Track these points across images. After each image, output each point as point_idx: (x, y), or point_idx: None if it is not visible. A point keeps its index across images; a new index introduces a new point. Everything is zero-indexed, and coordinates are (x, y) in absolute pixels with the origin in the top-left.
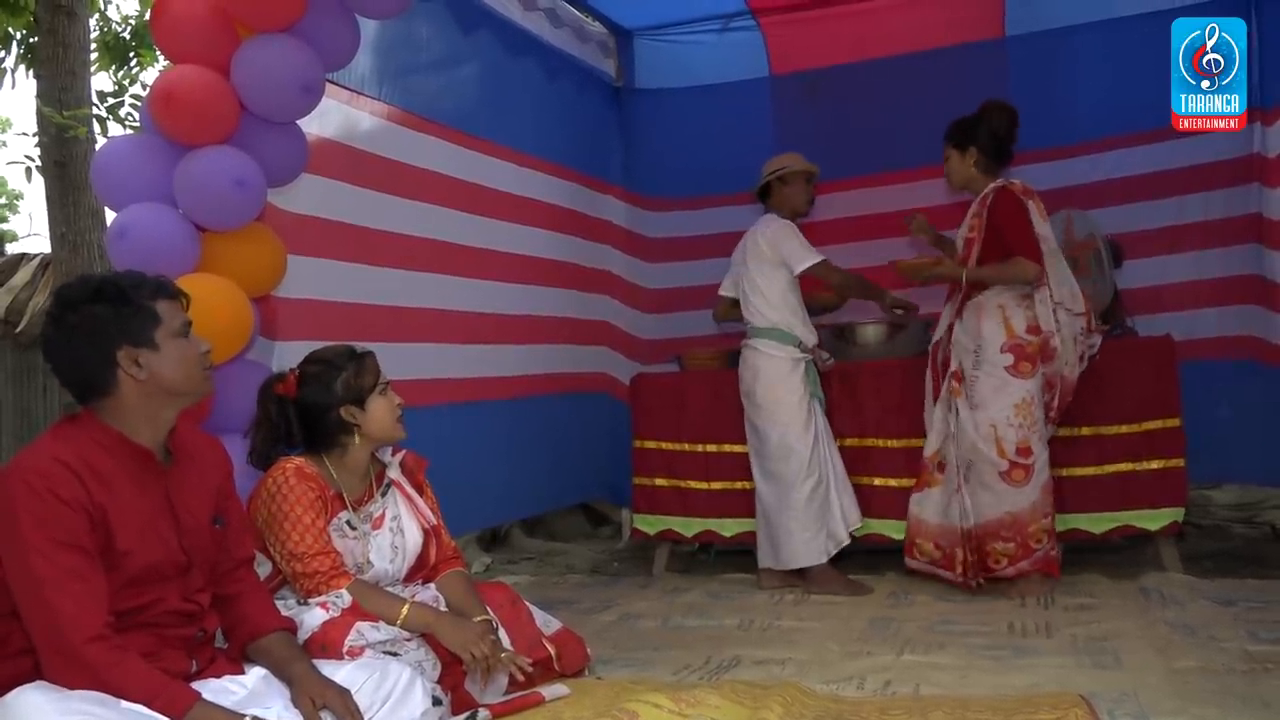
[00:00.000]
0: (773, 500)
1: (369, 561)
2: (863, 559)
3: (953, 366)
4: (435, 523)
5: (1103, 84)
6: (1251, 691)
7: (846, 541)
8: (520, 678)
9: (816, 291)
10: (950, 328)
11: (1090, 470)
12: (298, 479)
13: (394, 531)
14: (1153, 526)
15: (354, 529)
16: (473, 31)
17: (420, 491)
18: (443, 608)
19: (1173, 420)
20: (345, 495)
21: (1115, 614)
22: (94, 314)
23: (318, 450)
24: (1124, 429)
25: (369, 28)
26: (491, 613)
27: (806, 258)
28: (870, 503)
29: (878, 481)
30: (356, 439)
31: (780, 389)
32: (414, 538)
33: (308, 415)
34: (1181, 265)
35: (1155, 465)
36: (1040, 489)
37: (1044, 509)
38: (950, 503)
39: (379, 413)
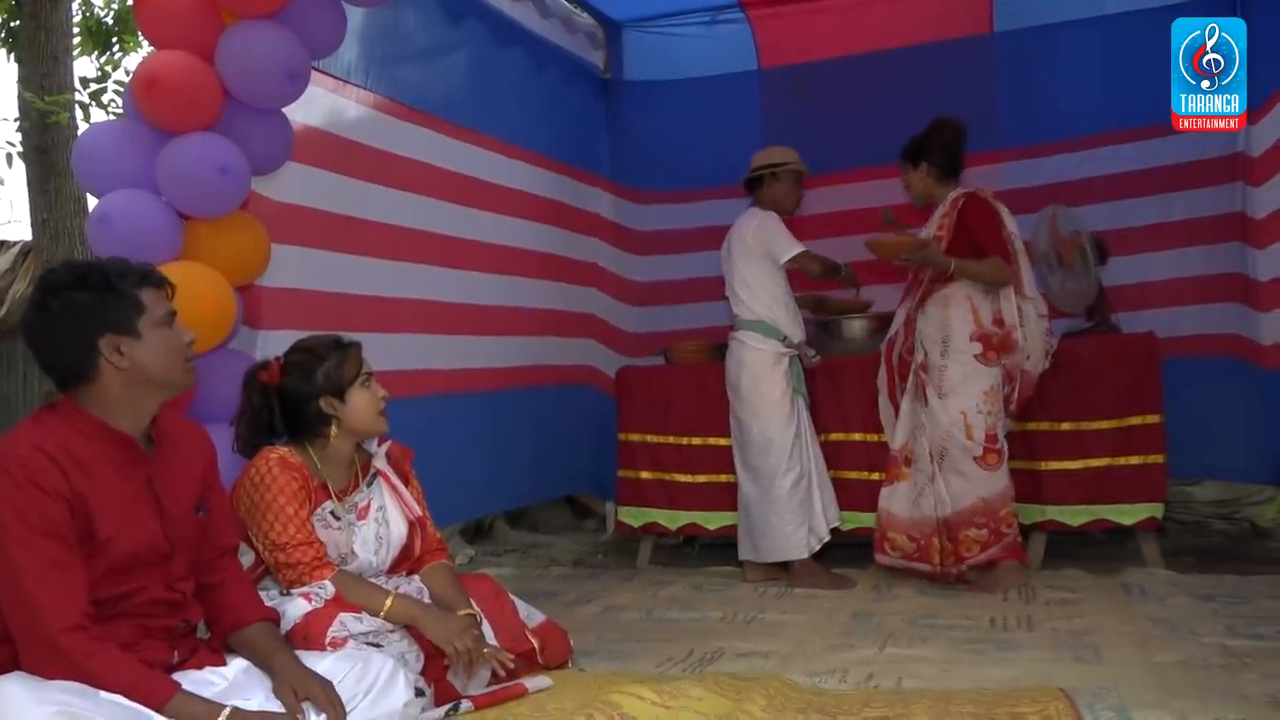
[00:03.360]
0: (753, 493)
1: (353, 552)
2: (846, 552)
3: (918, 358)
4: (420, 514)
5: (1090, 81)
6: (1230, 685)
7: (827, 538)
8: (502, 673)
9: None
10: (908, 322)
11: (1071, 464)
12: (281, 469)
13: (379, 522)
14: (1128, 521)
15: (338, 519)
16: (460, 21)
17: (406, 482)
18: (426, 600)
19: (1154, 416)
20: (329, 485)
21: (1096, 609)
22: (77, 300)
23: (301, 439)
24: (1105, 424)
25: (356, 16)
26: (475, 606)
27: (789, 249)
28: (855, 496)
29: (863, 475)
30: (335, 430)
31: (763, 382)
32: (399, 529)
33: (289, 404)
34: (1165, 263)
35: (1135, 461)
36: (1007, 475)
37: (1010, 494)
38: (922, 494)
39: (358, 405)
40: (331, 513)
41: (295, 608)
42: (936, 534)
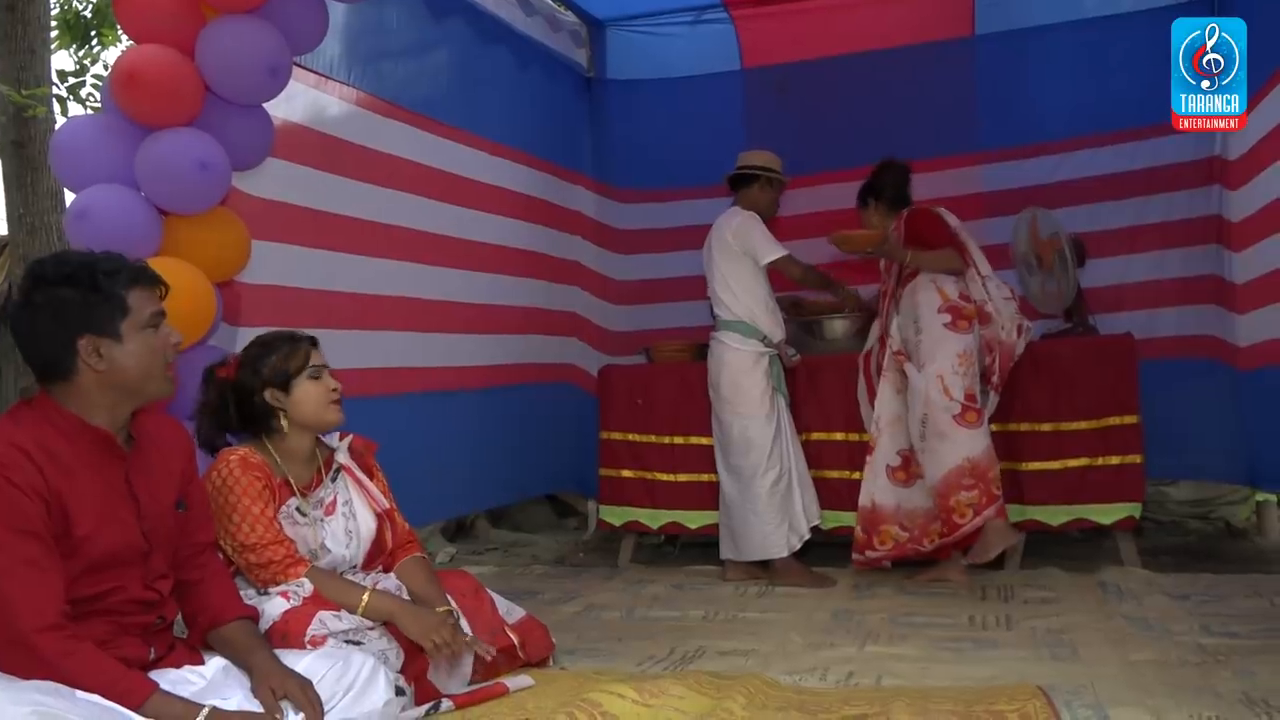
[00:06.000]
0: (734, 493)
1: (324, 547)
2: (826, 551)
3: (895, 347)
4: (388, 506)
5: (1070, 84)
6: (1204, 683)
7: (807, 537)
8: (487, 657)
9: (804, 291)
10: (883, 336)
11: (1049, 465)
12: (242, 469)
13: (347, 516)
14: (1107, 520)
15: (304, 515)
16: (444, 18)
17: (370, 475)
18: (405, 598)
19: (1131, 417)
20: (292, 482)
21: (1073, 608)
22: (60, 297)
23: (257, 434)
24: (1083, 425)
25: (338, 11)
26: (453, 602)
27: (771, 251)
28: (836, 496)
29: (844, 474)
30: (285, 423)
31: (743, 382)
32: (367, 522)
33: (239, 398)
34: (1143, 265)
35: (1113, 461)
36: (989, 436)
37: (994, 457)
38: (911, 485)
39: (304, 397)
40: (297, 509)
41: (274, 606)
42: (930, 521)
